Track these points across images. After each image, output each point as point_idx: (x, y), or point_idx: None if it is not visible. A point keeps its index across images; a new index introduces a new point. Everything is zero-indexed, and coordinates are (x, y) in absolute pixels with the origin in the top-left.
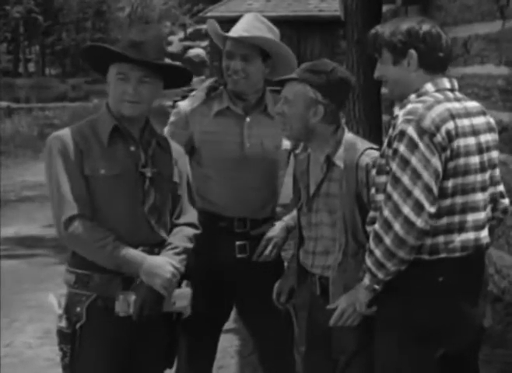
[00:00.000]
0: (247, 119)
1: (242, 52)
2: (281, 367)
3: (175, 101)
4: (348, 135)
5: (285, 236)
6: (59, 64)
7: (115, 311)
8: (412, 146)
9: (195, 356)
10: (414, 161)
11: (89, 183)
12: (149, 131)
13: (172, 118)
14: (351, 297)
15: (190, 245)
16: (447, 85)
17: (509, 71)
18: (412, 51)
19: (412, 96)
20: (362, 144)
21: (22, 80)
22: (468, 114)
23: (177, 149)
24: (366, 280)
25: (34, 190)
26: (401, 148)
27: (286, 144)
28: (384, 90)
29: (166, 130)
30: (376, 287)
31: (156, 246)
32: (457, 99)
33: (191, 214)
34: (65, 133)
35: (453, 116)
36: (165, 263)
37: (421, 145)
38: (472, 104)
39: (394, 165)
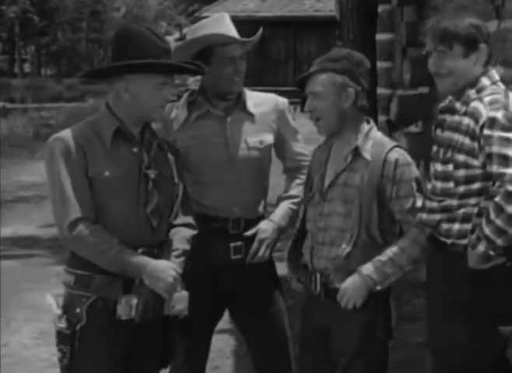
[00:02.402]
0: (229, 119)
1: (241, 53)
2: (276, 368)
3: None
4: (378, 133)
5: (278, 237)
6: (55, 65)
7: (117, 315)
8: (507, 128)
9: (189, 356)
10: None
11: (93, 184)
12: (150, 133)
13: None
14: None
15: (188, 247)
16: (497, 77)
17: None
18: (484, 46)
19: (471, 91)
20: (390, 141)
21: (18, 80)
22: None
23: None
24: (481, 248)
25: (30, 190)
26: (497, 132)
27: (269, 138)
28: (379, 90)
29: None
30: (492, 253)
31: (155, 247)
32: (508, 90)
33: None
34: (67, 134)
35: None
36: (168, 267)
37: None
38: None
39: (495, 147)
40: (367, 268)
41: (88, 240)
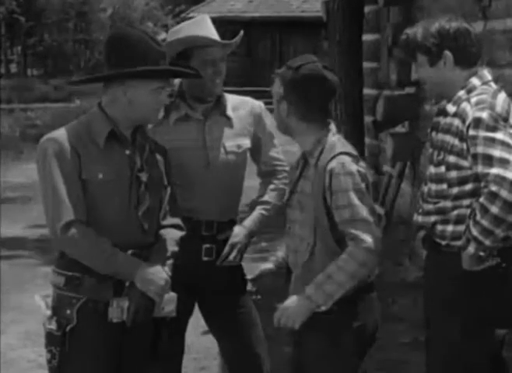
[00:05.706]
0: (207, 123)
1: (221, 55)
2: (247, 368)
3: None
4: (333, 138)
5: (249, 242)
6: (41, 65)
7: (109, 318)
8: (492, 127)
9: (162, 355)
10: (499, 136)
11: (86, 186)
12: (141, 135)
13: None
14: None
15: (176, 249)
16: (489, 77)
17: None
18: (447, 52)
19: (461, 92)
20: (340, 147)
21: (4, 81)
22: None
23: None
24: (471, 249)
25: (16, 191)
26: (482, 132)
27: (246, 143)
28: (365, 91)
29: None
30: (482, 254)
31: (144, 249)
32: (499, 90)
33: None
34: (60, 135)
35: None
36: (159, 270)
37: (499, 126)
38: None
39: (480, 148)
40: (310, 288)
41: (81, 243)
